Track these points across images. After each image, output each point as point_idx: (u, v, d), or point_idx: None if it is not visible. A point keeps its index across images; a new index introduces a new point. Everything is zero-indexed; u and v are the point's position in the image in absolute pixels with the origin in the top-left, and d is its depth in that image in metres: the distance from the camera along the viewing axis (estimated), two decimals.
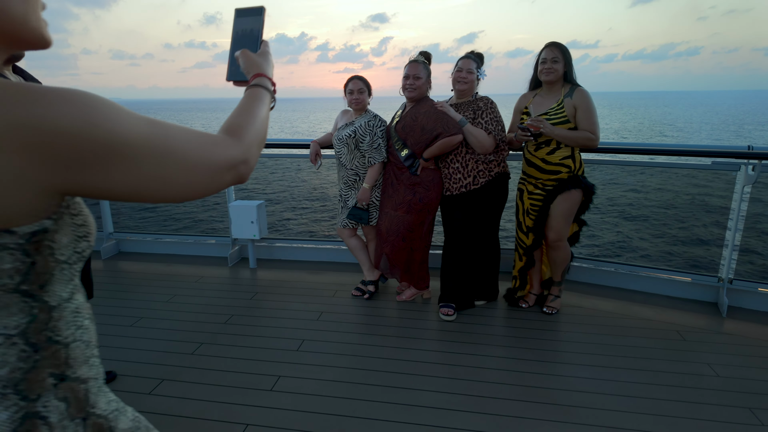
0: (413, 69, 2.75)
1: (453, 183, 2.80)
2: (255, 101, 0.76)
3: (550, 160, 2.65)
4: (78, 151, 0.46)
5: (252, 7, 0.91)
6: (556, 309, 2.88)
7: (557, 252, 2.81)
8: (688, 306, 2.97)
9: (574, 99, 2.57)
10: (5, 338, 0.50)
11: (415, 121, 2.73)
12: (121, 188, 0.50)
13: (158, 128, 0.53)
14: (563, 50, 2.58)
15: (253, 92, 0.78)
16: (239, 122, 0.69)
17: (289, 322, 2.79)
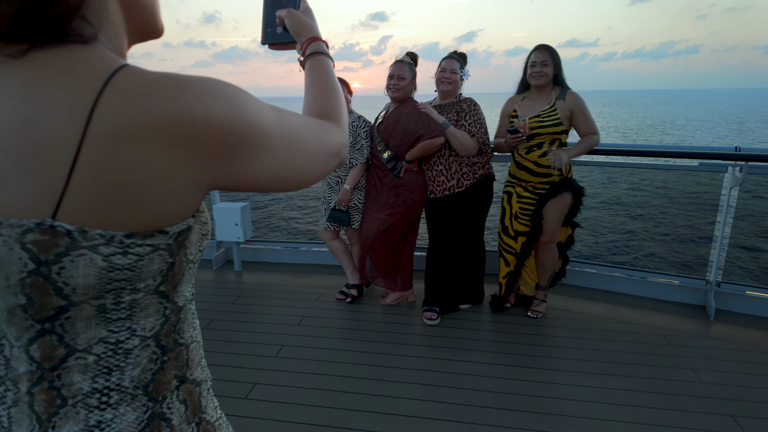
0: (398, 69, 2.70)
1: (436, 185, 2.75)
2: (328, 73, 0.71)
3: (542, 162, 2.62)
4: (227, 143, 0.46)
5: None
6: (542, 313, 2.84)
7: (547, 255, 2.77)
8: (675, 309, 2.93)
9: (568, 102, 2.55)
10: (141, 340, 0.50)
11: (398, 123, 2.68)
12: (259, 178, 0.51)
13: (283, 116, 0.54)
14: (552, 53, 2.55)
15: (320, 62, 0.72)
16: (329, 104, 0.67)
17: (269, 327, 2.74)
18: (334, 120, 0.65)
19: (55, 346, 0.46)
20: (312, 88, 0.69)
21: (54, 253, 0.41)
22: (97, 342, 0.47)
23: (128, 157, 0.41)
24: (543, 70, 2.55)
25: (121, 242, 0.43)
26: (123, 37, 0.52)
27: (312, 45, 0.74)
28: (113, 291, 0.46)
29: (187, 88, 0.43)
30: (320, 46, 0.74)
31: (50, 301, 0.44)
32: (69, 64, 0.42)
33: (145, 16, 0.55)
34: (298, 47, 0.76)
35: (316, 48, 0.74)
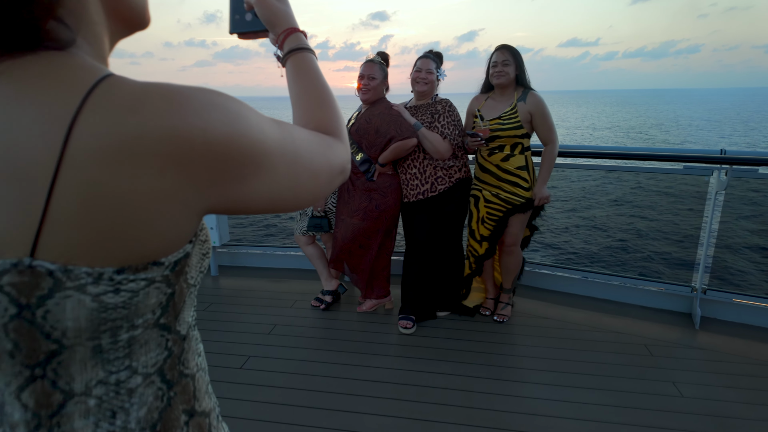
0: (368, 69, 2.60)
1: (410, 189, 2.66)
2: (317, 77, 0.62)
3: (505, 167, 2.56)
4: (228, 163, 0.41)
5: None
6: (507, 317, 2.79)
7: (510, 257, 2.73)
8: (660, 317, 2.83)
9: (528, 104, 2.48)
10: (144, 377, 0.46)
11: (369, 124, 2.59)
12: (259, 200, 0.46)
13: (286, 132, 0.49)
14: (514, 53, 2.50)
15: (305, 62, 0.63)
16: (328, 117, 0.60)
17: (238, 336, 2.65)
18: (335, 135, 0.58)
19: (50, 392, 0.42)
20: (303, 97, 0.61)
21: (36, 295, 0.37)
22: (96, 384, 0.43)
23: (115, 182, 0.35)
24: (504, 70, 2.49)
25: (111, 279, 0.38)
26: (104, 38, 0.47)
27: (290, 39, 0.65)
28: (108, 330, 0.41)
29: (181, 101, 0.38)
30: (300, 39, 0.65)
31: (39, 346, 0.40)
32: (43, 75, 0.37)
33: (132, 8, 0.49)
34: (272, 37, 0.67)
35: (297, 43, 0.64)
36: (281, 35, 0.65)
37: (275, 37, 0.66)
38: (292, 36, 0.65)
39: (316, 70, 0.63)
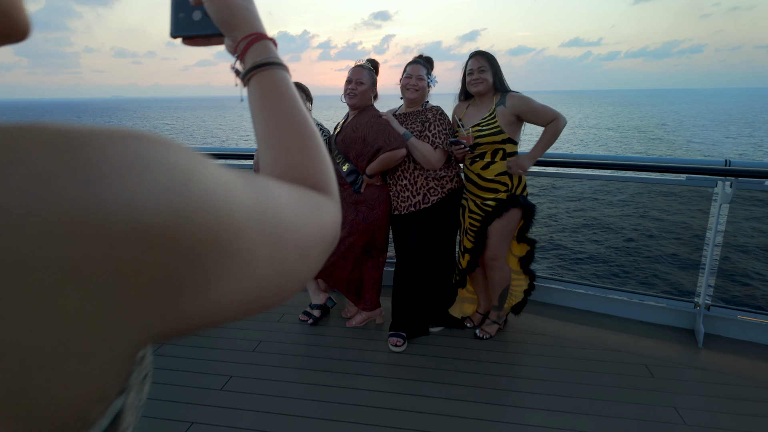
0: (356, 74, 2.50)
1: (401, 201, 2.55)
2: (291, 103, 0.47)
3: (485, 175, 2.45)
4: (177, 259, 0.24)
5: None
6: (490, 334, 2.67)
7: (493, 272, 2.61)
8: (661, 333, 2.71)
9: (509, 106, 2.38)
10: None
11: (356, 132, 2.48)
12: (228, 306, 0.29)
13: (261, 193, 0.32)
14: (489, 59, 2.41)
15: (274, 82, 0.47)
16: (314, 164, 0.44)
17: (221, 353, 2.54)
18: (325, 190, 0.43)
19: None
20: (277, 135, 0.45)
21: None
22: None
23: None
24: (481, 77, 2.40)
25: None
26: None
27: (255, 48, 0.49)
28: None
29: (87, 155, 0.21)
30: (268, 49, 0.49)
31: None
32: None
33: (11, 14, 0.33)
34: (229, 44, 0.51)
35: (264, 55, 0.48)
36: (241, 42, 0.49)
37: (233, 44, 0.50)
38: (257, 45, 0.49)
39: (292, 95, 0.47)
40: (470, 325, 2.77)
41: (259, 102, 0.47)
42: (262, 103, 0.47)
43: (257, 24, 0.51)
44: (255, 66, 0.48)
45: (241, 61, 0.50)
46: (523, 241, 2.60)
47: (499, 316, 2.72)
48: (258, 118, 0.47)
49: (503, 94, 2.42)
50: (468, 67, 2.45)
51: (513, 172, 2.41)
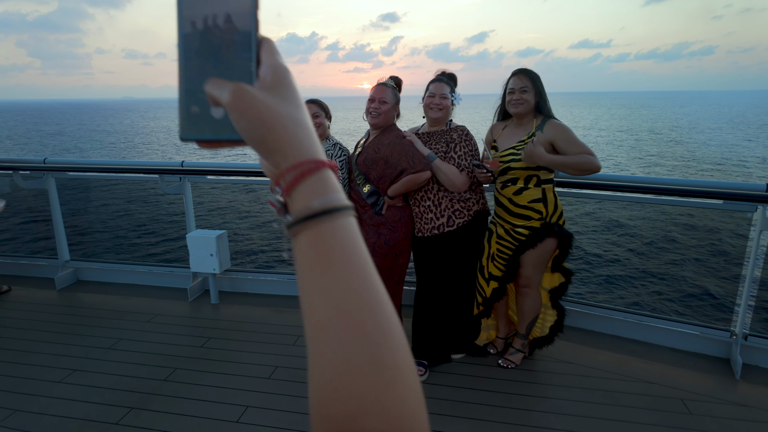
0: (379, 92, 2.40)
1: (425, 224, 2.45)
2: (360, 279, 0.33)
3: (518, 201, 2.32)
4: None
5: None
6: (515, 364, 2.54)
7: (524, 299, 2.49)
8: (696, 363, 2.58)
9: (547, 133, 2.23)
10: None
11: (378, 153, 2.38)
12: None
13: None
14: (533, 78, 2.25)
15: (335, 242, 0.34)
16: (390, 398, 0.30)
17: (236, 380, 2.46)
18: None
19: None
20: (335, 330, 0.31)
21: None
22: None
23: None
24: (522, 97, 2.25)
25: None
26: None
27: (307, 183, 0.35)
28: None
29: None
30: (327, 185, 0.35)
31: None
32: None
33: None
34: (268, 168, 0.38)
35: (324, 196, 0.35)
36: (287, 173, 0.35)
37: (274, 170, 0.37)
38: (310, 179, 0.35)
39: (363, 262, 0.34)
40: (493, 352, 2.66)
41: (311, 273, 0.33)
42: (317, 277, 0.33)
43: (309, 143, 0.36)
44: (309, 216, 0.34)
45: (285, 195, 0.36)
46: (558, 271, 2.47)
47: (523, 344, 2.60)
48: (309, 296, 0.33)
49: (545, 118, 2.28)
50: (509, 85, 2.31)
51: (524, 156, 2.18)
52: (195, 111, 0.39)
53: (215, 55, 0.39)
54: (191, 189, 3.54)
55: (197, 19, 0.39)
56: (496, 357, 2.62)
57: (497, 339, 2.71)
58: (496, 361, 2.59)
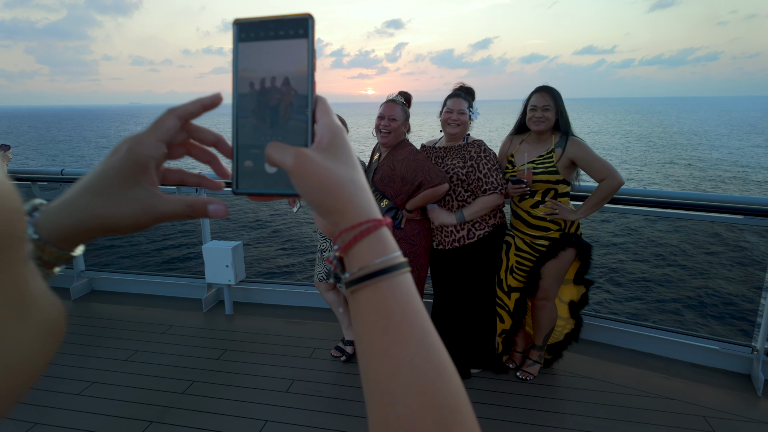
0: (388, 109, 2.40)
1: (445, 236, 2.45)
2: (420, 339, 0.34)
3: (536, 213, 2.34)
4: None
5: (286, 18, 0.39)
6: (533, 375, 2.55)
7: (541, 312, 2.49)
8: (716, 379, 2.56)
9: (569, 151, 2.26)
10: None
11: (394, 171, 2.39)
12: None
13: None
14: (555, 96, 2.27)
15: (395, 302, 0.34)
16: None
17: (254, 394, 2.45)
18: None
19: None
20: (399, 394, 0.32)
21: None
22: None
23: None
24: (544, 116, 2.27)
25: None
26: None
27: (366, 242, 0.36)
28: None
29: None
30: (385, 244, 0.36)
31: None
32: None
33: None
34: (322, 222, 0.40)
35: (383, 255, 0.35)
36: (346, 233, 0.36)
37: (332, 229, 0.38)
38: (370, 237, 0.36)
39: (422, 321, 0.34)
40: (512, 366, 2.65)
41: (372, 332, 0.34)
42: (379, 337, 0.34)
43: (366, 203, 0.37)
44: (369, 275, 0.35)
45: (342, 253, 0.37)
46: (579, 283, 2.48)
47: (540, 356, 2.61)
48: (371, 356, 0.34)
49: (564, 135, 2.30)
50: (531, 102, 2.32)
51: (549, 213, 2.30)
52: (249, 166, 0.41)
53: (272, 116, 0.40)
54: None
55: (254, 80, 0.40)
56: (515, 371, 2.62)
57: (515, 353, 2.70)
58: (515, 374, 2.58)
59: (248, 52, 0.40)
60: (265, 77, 0.40)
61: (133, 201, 0.39)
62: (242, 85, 0.40)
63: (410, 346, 0.33)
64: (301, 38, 0.39)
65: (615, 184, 2.22)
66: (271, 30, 0.40)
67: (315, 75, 0.40)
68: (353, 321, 0.36)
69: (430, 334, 0.34)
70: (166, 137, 0.40)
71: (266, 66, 0.40)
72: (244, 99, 0.40)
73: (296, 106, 0.40)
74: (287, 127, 0.40)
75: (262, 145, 0.40)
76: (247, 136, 0.40)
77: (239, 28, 0.40)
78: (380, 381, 0.33)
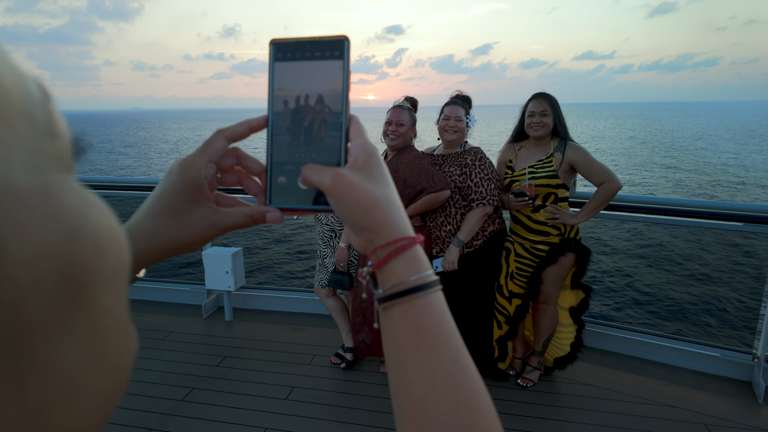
0: (396, 115, 2.42)
1: (443, 246, 2.45)
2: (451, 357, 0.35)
3: (536, 218, 2.36)
4: None
5: (322, 40, 0.40)
6: (533, 382, 2.55)
7: (542, 316, 2.49)
8: (717, 386, 2.55)
9: (568, 156, 2.28)
10: None
11: (397, 173, 2.40)
12: None
13: None
14: (552, 102, 2.30)
15: (429, 319, 0.35)
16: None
17: (254, 401, 2.45)
18: None
19: None
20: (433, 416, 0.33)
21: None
22: None
23: None
24: (542, 121, 2.30)
25: None
26: None
27: (400, 260, 0.36)
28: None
29: None
30: (418, 262, 0.37)
31: None
32: None
33: None
34: (356, 239, 0.40)
35: (417, 273, 0.36)
36: (380, 250, 0.37)
37: (367, 246, 0.39)
38: (404, 255, 0.37)
39: (454, 338, 0.35)
40: (512, 373, 2.64)
41: (405, 349, 0.35)
42: (412, 354, 0.34)
43: (400, 221, 0.38)
44: (403, 292, 0.35)
45: (374, 271, 0.38)
46: (577, 287, 2.48)
47: (540, 362, 2.60)
48: (404, 372, 0.34)
49: (562, 140, 2.33)
50: (528, 108, 2.35)
51: (550, 218, 2.31)
52: (282, 182, 0.42)
53: (306, 134, 0.41)
54: None
55: (289, 99, 0.41)
56: (515, 378, 2.61)
57: (514, 360, 2.70)
58: (515, 382, 2.57)
59: (284, 72, 0.42)
60: (300, 96, 0.41)
61: (198, 220, 0.40)
62: (277, 103, 0.42)
63: (444, 364, 0.34)
64: (337, 59, 0.41)
65: (614, 187, 2.25)
66: (307, 51, 0.41)
67: (349, 95, 0.41)
68: (384, 337, 0.37)
69: (462, 353, 0.35)
70: (215, 157, 0.42)
71: (301, 85, 0.41)
72: (279, 117, 0.42)
73: (330, 125, 0.41)
74: (321, 145, 0.41)
75: (295, 162, 0.41)
76: (282, 153, 0.42)
77: (276, 48, 0.41)
78: (414, 397, 0.33)
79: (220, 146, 0.42)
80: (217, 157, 0.42)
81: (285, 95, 0.41)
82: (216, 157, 0.42)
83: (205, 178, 0.41)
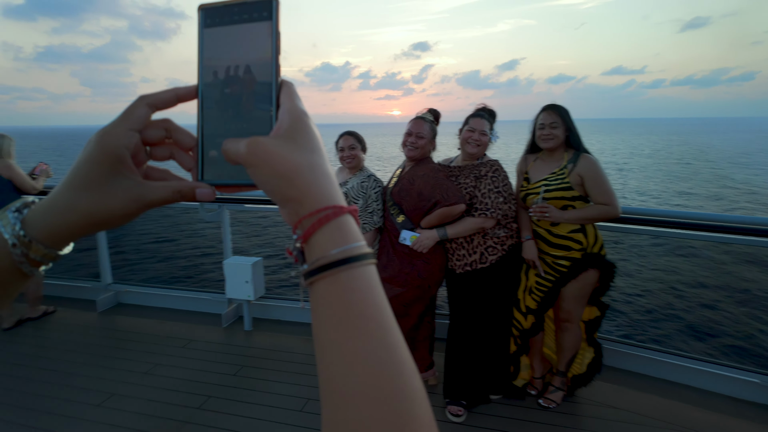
0: (417, 126, 2.41)
1: (456, 260, 2.40)
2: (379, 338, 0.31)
3: (557, 232, 2.29)
4: None
5: (249, 0, 0.39)
6: (556, 403, 2.44)
7: (565, 334, 2.40)
8: (756, 413, 2.38)
9: (579, 168, 2.23)
10: None
11: (412, 185, 2.38)
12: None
13: None
14: (562, 113, 2.26)
15: (353, 294, 0.32)
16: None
17: (269, 412, 2.43)
18: None
19: None
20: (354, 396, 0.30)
21: None
22: None
23: None
24: (552, 133, 2.26)
25: None
26: None
27: (326, 230, 0.34)
28: None
29: None
30: (346, 233, 0.34)
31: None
32: None
33: None
34: (286, 214, 0.37)
35: (342, 245, 0.34)
36: (305, 220, 0.34)
37: (292, 217, 0.36)
38: (330, 225, 0.34)
39: (384, 318, 0.32)
40: (534, 393, 2.55)
41: (327, 327, 0.32)
42: (334, 332, 0.31)
43: (326, 189, 0.35)
44: (326, 265, 0.33)
45: (302, 243, 0.35)
46: (594, 304, 2.39)
47: (563, 382, 2.50)
48: (325, 353, 0.31)
49: (576, 152, 2.28)
50: (539, 120, 2.32)
51: (534, 211, 2.26)
52: (214, 156, 0.40)
53: (236, 105, 0.39)
54: (229, 216, 3.63)
55: (219, 69, 0.40)
56: (536, 397, 2.51)
57: (534, 379, 2.60)
58: (536, 401, 2.47)
59: (213, 39, 0.40)
60: (229, 65, 0.39)
61: (119, 192, 0.37)
62: (207, 73, 0.40)
63: (368, 344, 0.31)
64: (265, 21, 0.38)
65: (612, 213, 2.20)
66: (235, 14, 0.39)
67: (280, 59, 0.39)
68: (312, 314, 0.34)
69: (390, 332, 0.32)
70: (136, 125, 0.39)
71: (230, 53, 0.39)
72: (209, 88, 0.40)
73: (260, 95, 0.39)
74: (252, 116, 0.39)
75: (226, 135, 0.39)
76: (212, 126, 0.40)
77: (204, 14, 0.40)
78: (333, 380, 0.30)
79: (141, 113, 0.39)
80: (139, 124, 0.39)
81: (214, 65, 0.39)
82: (138, 125, 0.39)
83: (126, 147, 0.37)
